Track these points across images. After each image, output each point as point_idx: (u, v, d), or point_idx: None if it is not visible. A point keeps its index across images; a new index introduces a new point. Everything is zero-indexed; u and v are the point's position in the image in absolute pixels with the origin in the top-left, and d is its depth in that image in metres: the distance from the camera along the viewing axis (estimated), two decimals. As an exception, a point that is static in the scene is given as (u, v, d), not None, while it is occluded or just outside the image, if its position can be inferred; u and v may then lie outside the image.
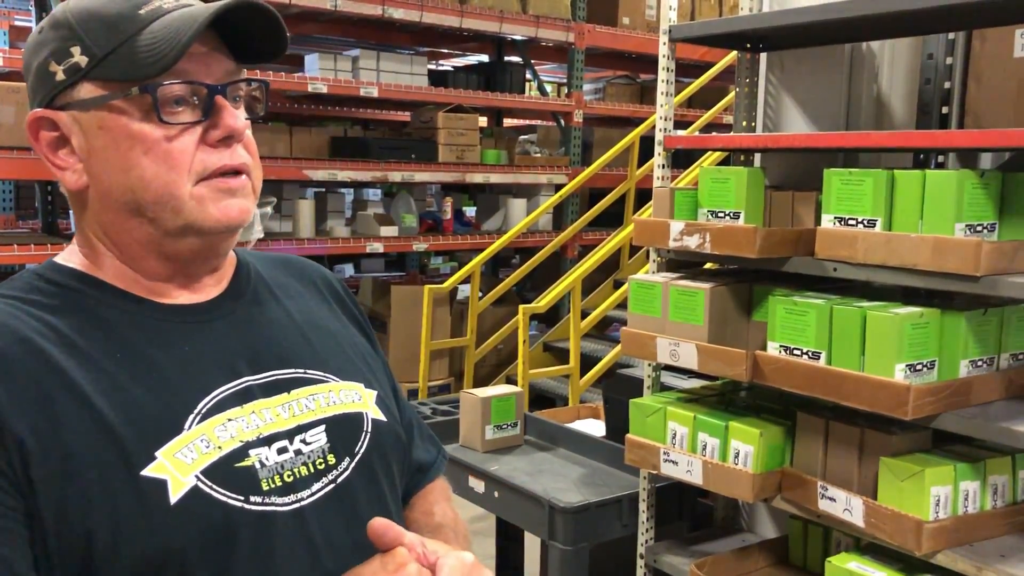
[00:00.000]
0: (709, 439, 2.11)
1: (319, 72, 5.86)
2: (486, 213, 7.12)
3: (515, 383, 4.81)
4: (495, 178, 6.53)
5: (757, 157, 2.49)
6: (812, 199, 2.11)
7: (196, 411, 0.90)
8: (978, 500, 1.84)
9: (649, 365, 2.41)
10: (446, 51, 7.66)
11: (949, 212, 1.78)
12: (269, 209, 5.60)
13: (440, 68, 7.48)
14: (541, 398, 5.54)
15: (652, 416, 2.24)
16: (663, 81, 2.38)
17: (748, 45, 2.46)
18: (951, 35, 2.33)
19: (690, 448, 2.15)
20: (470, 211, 7.52)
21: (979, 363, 1.87)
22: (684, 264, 2.39)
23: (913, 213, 1.84)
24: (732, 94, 6.36)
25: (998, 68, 2.49)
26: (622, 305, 5.92)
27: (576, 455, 2.96)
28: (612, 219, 6.62)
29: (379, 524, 0.86)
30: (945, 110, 2.34)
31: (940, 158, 2.31)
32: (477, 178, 6.38)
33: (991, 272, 1.73)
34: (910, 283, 1.87)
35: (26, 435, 0.81)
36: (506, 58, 7.54)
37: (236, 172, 0.93)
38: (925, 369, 1.80)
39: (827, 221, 1.98)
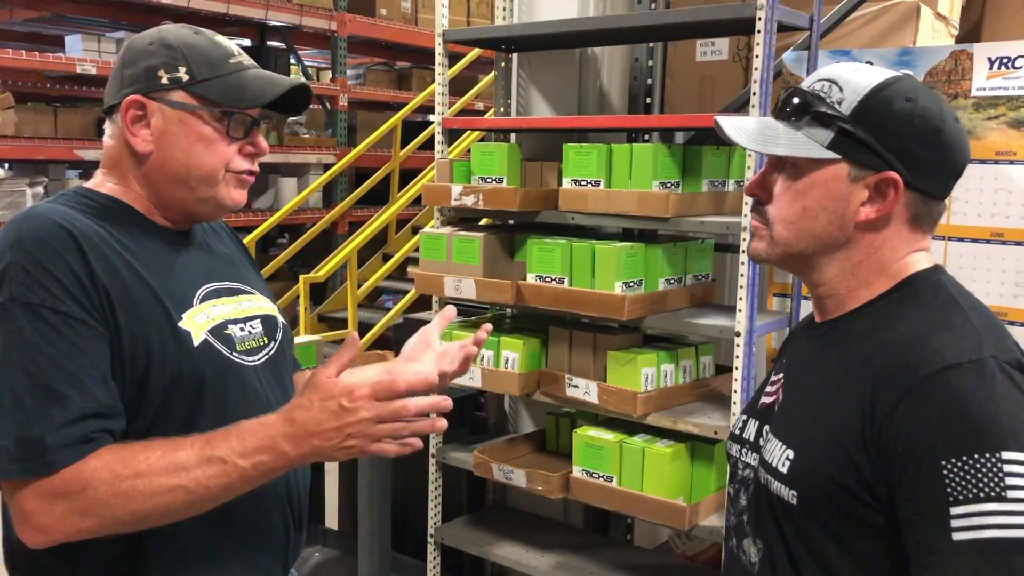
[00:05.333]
0: (486, 351, 2.74)
1: (82, 53, 5.92)
2: (257, 192, 7.39)
3: (300, 345, 5.23)
4: (266, 157, 6.79)
5: (512, 136, 3.16)
6: (555, 167, 2.79)
7: (197, 295, 1.39)
8: (673, 377, 2.61)
9: (437, 301, 3.01)
10: (207, 34, 7.80)
11: (648, 173, 2.51)
12: (40, 189, 5.64)
13: (204, 51, 7.60)
14: (321, 362, 5.98)
15: (441, 340, 2.84)
16: (439, 74, 2.97)
17: (504, 47, 3.11)
18: (651, 44, 3.10)
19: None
20: (238, 190, 7.72)
21: (672, 281, 2.63)
22: (460, 220, 3.01)
23: (624, 175, 2.56)
24: (482, 82, 7.05)
25: (686, 69, 3.32)
26: (392, 277, 6.50)
27: (371, 388, 3.51)
28: (378, 197, 7.15)
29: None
30: (649, 100, 3.12)
31: (646, 136, 3.08)
32: (248, 158, 6.65)
33: (676, 215, 2.48)
34: (625, 225, 2.61)
35: (111, 289, 1.26)
36: (269, 43, 7.82)
37: (251, 173, 1.43)
38: (635, 285, 2.53)
39: (566, 183, 2.67)
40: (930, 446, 1.02)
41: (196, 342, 1.33)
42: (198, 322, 1.35)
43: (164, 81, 1.35)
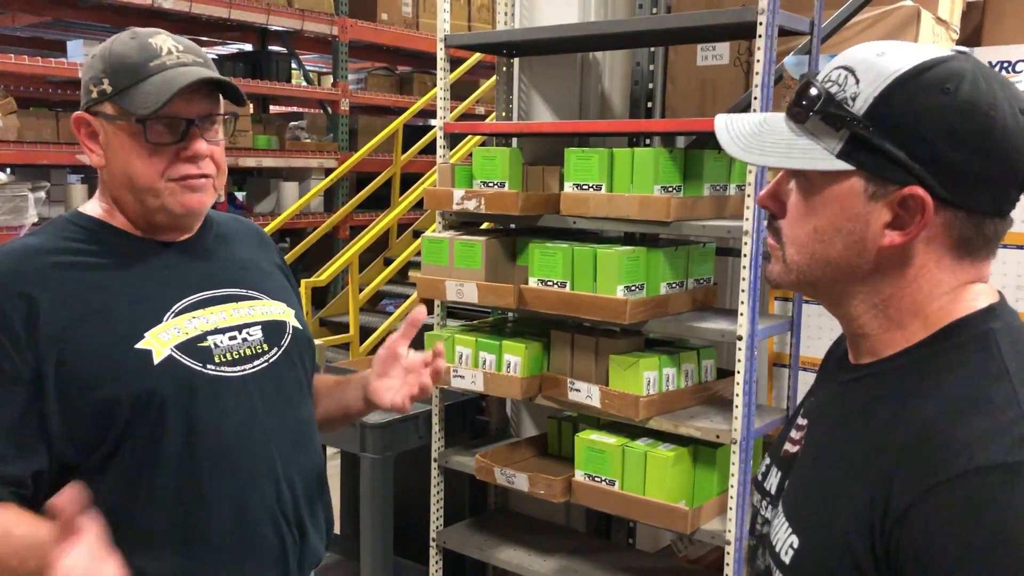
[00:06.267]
0: (487, 355, 2.75)
1: (84, 58, 5.92)
2: (257, 196, 7.40)
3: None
4: (268, 162, 6.85)
5: (514, 140, 3.16)
6: (557, 171, 2.79)
7: (172, 309, 1.38)
8: (675, 381, 2.61)
9: (439, 305, 3.01)
10: (207, 39, 7.83)
11: (650, 177, 2.52)
12: (42, 194, 5.65)
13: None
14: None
15: (443, 344, 2.84)
16: (440, 79, 2.98)
17: (505, 52, 3.12)
18: (652, 49, 3.11)
19: (473, 364, 2.78)
20: (240, 195, 7.75)
21: (673, 285, 2.64)
22: (462, 224, 3.02)
23: (626, 179, 2.56)
24: (484, 87, 7.05)
25: (687, 73, 3.33)
26: (393, 281, 6.50)
27: (373, 392, 3.51)
28: (379, 201, 7.15)
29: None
30: (650, 104, 3.13)
31: (647, 140, 3.09)
32: (250, 162, 6.67)
33: (678, 218, 2.49)
34: (626, 229, 2.61)
35: (54, 327, 1.28)
36: (270, 47, 7.83)
37: (201, 176, 1.39)
38: (637, 289, 2.54)
39: (568, 187, 2.67)
40: (945, 573, 0.82)
41: (157, 360, 1.33)
42: (163, 339, 1.35)
43: (95, 95, 1.36)
